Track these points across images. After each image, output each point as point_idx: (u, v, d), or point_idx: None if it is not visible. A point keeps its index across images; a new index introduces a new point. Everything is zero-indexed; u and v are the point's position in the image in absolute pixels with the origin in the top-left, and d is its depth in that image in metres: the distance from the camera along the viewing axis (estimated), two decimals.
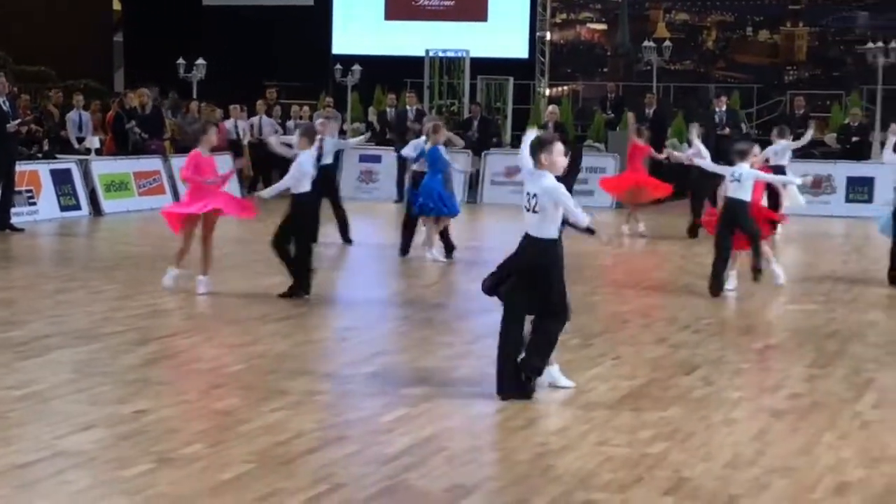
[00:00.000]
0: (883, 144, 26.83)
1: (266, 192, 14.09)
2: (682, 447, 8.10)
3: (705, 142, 20.04)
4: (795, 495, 7.18)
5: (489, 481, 7.27)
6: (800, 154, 23.88)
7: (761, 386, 10.02)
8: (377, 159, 28.60)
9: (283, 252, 13.80)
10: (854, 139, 27.07)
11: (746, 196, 14.36)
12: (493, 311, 13.17)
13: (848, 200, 25.89)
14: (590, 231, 9.71)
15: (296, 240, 13.79)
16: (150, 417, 8.57)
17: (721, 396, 9.60)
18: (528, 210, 9.34)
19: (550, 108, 27.63)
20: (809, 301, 14.51)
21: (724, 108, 26.85)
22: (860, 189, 25.86)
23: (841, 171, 26.17)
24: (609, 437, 8.34)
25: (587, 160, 26.39)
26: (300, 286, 13.71)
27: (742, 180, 14.35)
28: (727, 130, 24.29)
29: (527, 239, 9.45)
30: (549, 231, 9.39)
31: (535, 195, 9.35)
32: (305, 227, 13.96)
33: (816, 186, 25.99)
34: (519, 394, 9.28)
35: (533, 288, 9.42)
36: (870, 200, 25.06)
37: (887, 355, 11.35)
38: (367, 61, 31.82)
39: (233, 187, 20.20)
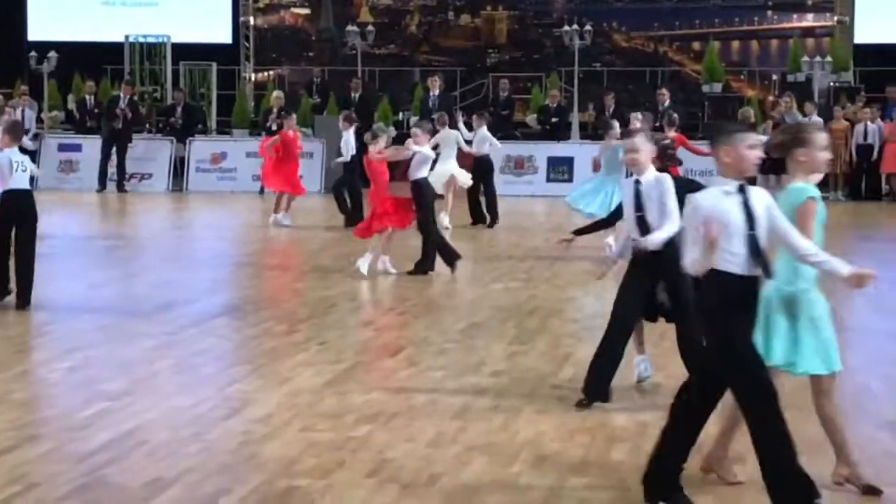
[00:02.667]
0: (582, 125, 27.83)
1: None
2: (386, 429, 8.16)
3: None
4: (495, 471, 7.31)
5: (190, 473, 7.15)
6: (502, 136, 24.33)
7: (464, 364, 10.16)
8: (77, 148, 27.88)
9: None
10: (554, 120, 27.82)
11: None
12: (195, 302, 13.05)
13: (549, 180, 26.61)
14: None
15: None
16: None
17: (424, 377, 9.70)
18: None
19: (276, 93, 27.27)
20: (511, 279, 14.83)
21: (437, 91, 27.19)
22: (560, 168, 26.62)
23: (542, 151, 26.89)
24: (313, 422, 8.32)
25: None
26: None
27: None
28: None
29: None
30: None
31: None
32: None
33: (519, 167, 26.65)
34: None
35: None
36: (570, 179, 25.77)
37: (584, 330, 11.66)
38: (65, 48, 30.86)
39: None
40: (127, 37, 30.56)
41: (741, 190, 6.30)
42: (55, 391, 9.31)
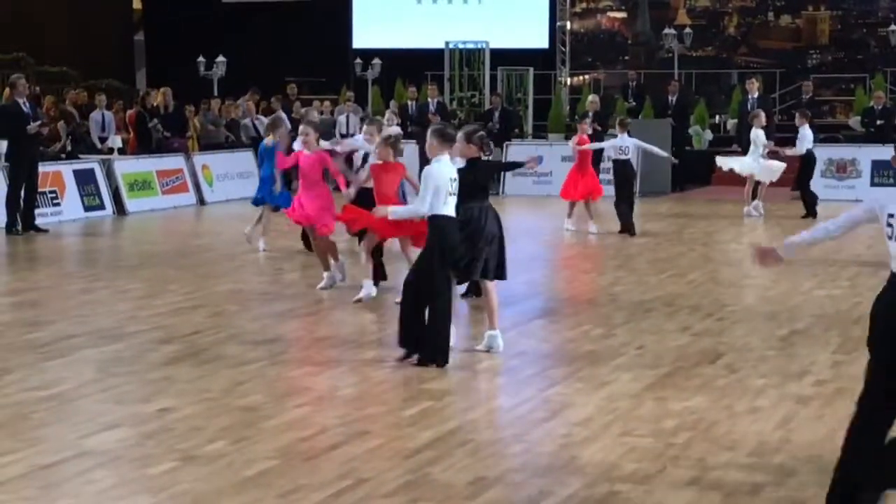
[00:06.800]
0: None
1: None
2: (706, 436, 8.08)
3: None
4: (821, 482, 7.12)
5: (512, 473, 7.26)
6: (823, 138, 23.96)
7: (786, 373, 9.97)
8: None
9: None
10: (878, 122, 26.88)
11: None
12: (514, 305, 13.16)
13: (873, 184, 25.70)
14: None
15: None
16: (175, 415, 8.59)
17: (745, 384, 9.56)
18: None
19: (591, 97, 27.28)
20: (834, 286, 14.45)
21: (755, 94, 26.68)
22: (885, 172, 25.67)
23: (866, 154, 26.01)
24: (633, 427, 8.32)
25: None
26: None
27: None
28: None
29: None
30: None
31: None
32: None
33: (841, 171, 25.89)
34: None
35: None
36: None
37: None
38: (387, 55, 31.82)
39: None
40: (447, 43, 31.19)
41: None
42: (381, 388, 9.58)
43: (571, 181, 20.20)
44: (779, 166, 22.35)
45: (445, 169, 10.11)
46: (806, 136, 22.40)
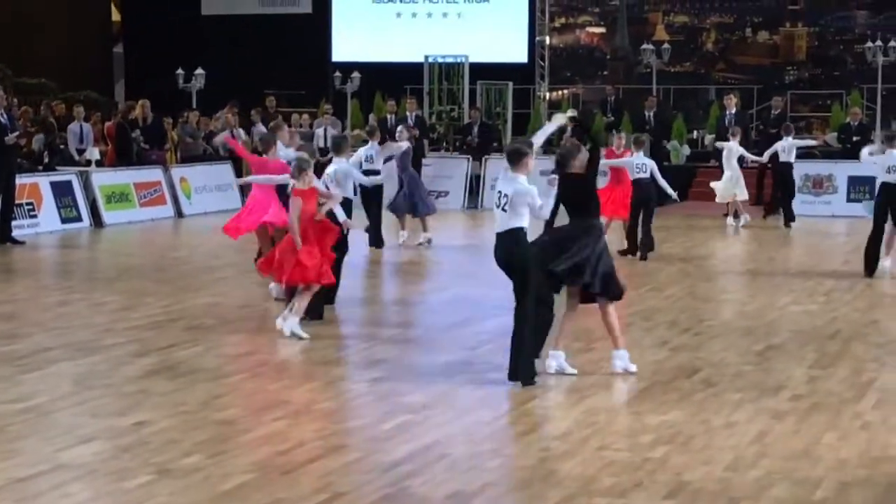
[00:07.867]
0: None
1: None
2: (683, 450, 8.10)
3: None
4: (797, 497, 7.17)
5: (490, 487, 7.27)
6: (802, 154, 24.11)
7: (762, 387, 9.99)
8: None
9: None
10: (855, 138, 26.85)
11: None
12: (492, 318, 13.20)
13: (849, 200, 25.78)
14: None
15: None
16: (151, 429, 8.57)
17: (722, 399, 9.59)
18: None
19: (570, 111, 27.13)
20: (811, 301, 14.49)
21: (733, 110, 26.70)
22: (861, 188, 25.74)
23: (842, 170, 26.08)
24: (610, 441, 8.33)
25: None
26: None
27: None
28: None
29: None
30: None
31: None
32: None
33: (817, 186, 25.99)
34: None
35: None
36: (871, 200, 24.92)
37: (888, 355, 11.34)
38: (367, 68, 31.82)
39: None
40: (426, 57, 31.19)
41: None
42: (359, 402, 9.58)
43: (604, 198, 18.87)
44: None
45: None
46: (795, 145, 22.95)
